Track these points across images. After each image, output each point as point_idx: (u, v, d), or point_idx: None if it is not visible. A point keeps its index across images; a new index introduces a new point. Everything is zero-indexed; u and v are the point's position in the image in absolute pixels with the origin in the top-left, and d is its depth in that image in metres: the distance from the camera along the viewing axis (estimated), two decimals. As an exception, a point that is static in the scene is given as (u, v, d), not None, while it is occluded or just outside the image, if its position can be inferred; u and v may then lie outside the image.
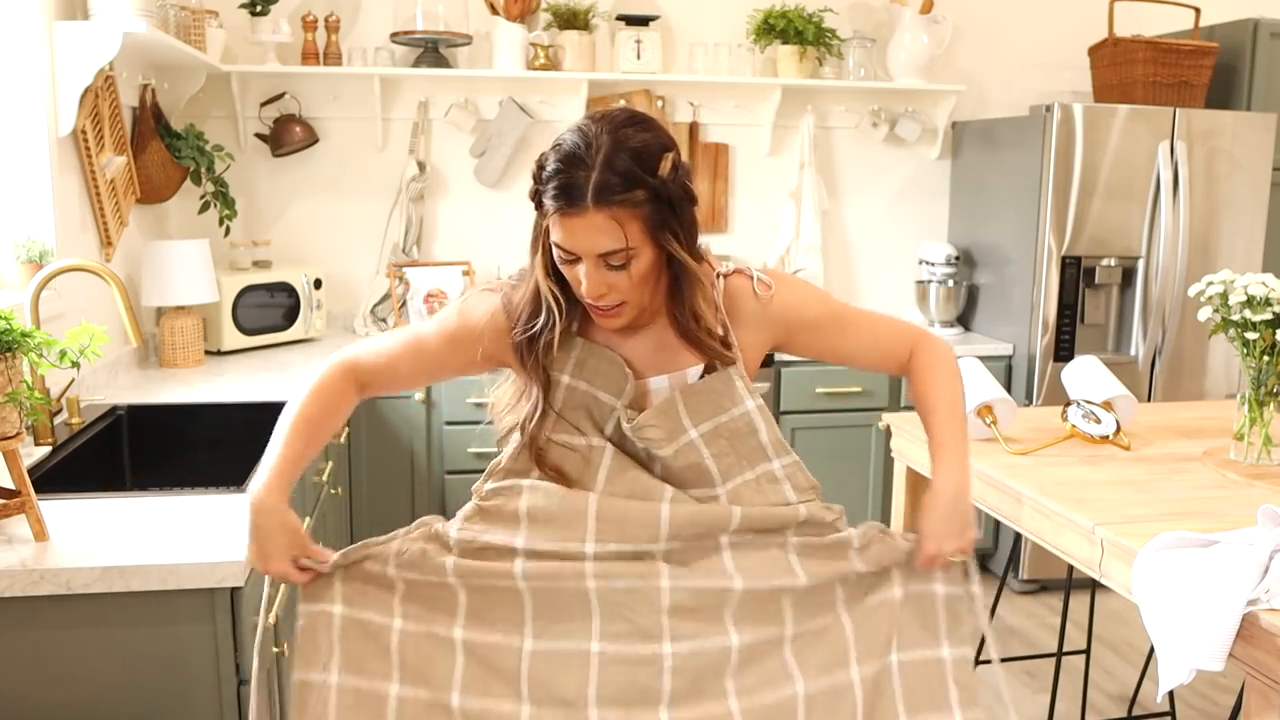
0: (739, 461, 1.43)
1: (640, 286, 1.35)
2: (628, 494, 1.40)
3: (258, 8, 3.55)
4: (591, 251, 1.30)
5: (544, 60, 3.79)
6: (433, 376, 1.51)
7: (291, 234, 3.88)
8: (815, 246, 4.14)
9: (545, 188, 1.31)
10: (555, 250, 1.33)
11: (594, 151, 1.28)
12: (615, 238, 1.29)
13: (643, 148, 1.29)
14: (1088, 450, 2.28)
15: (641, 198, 1.29)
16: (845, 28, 4.09)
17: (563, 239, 1.31)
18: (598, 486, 1.41)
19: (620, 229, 1.28)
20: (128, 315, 2.26)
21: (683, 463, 1.40)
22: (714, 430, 1.41)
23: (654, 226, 1.31)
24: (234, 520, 1.77)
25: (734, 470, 1.43)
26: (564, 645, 1.37)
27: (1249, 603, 1.47)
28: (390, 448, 3.42)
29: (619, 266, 1.31)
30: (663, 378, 1.44)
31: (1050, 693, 2.61)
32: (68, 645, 1.57)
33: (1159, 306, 3.78)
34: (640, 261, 1.32)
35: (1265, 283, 2.03)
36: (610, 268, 1.31)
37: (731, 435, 1.42)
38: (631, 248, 1.30)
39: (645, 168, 1.29)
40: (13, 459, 1.62)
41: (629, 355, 1.43)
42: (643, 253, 1.32)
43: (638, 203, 1.29)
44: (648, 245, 1.32)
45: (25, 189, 2.56)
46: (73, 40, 2.61)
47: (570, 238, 1.30)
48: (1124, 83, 3.88)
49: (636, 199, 1.28)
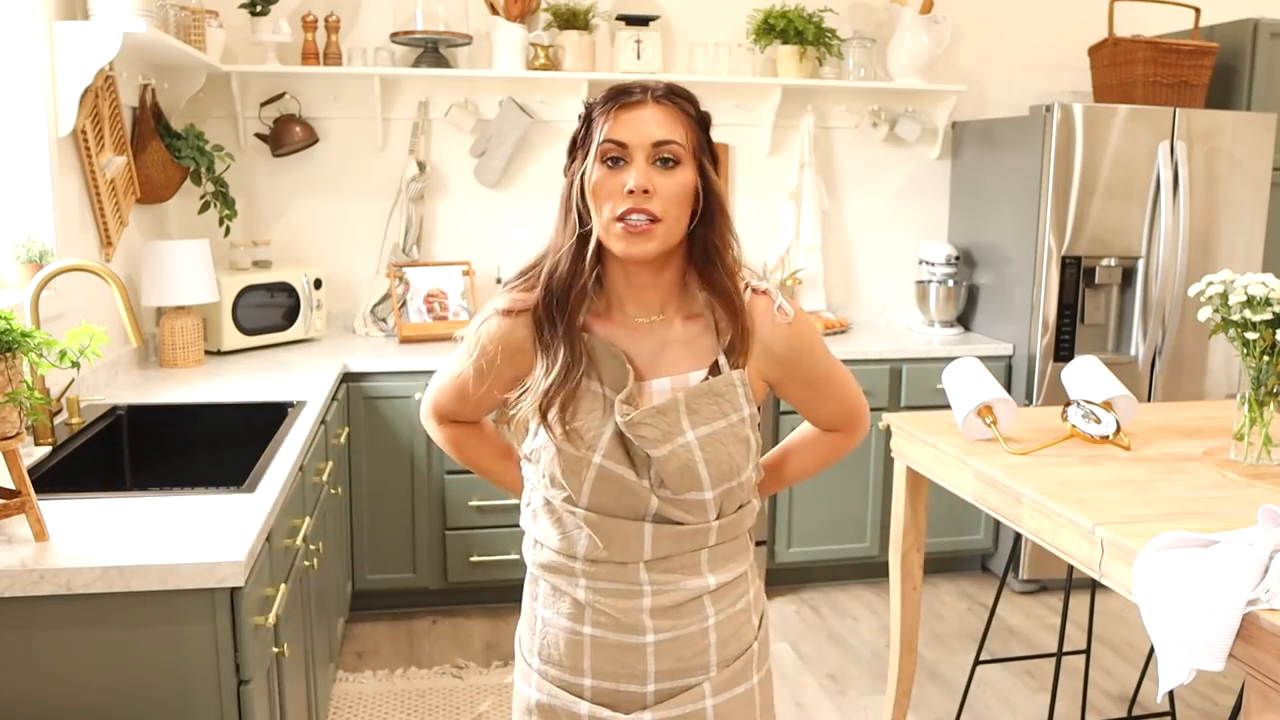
0: (729, 467, 1.41)
1: (677, 205, 1.35)
2: (614, 502, 1.40)
3: (258, 8, 3.55)
4: (646, 140, 1.34)
5: (544, 60, 3.79)
6: (491, 407, 1.54)
7: (291, 234, 3.88)
8: (815, 246, 4.14)
9: (598, 106, 1.37)
10: (604, 149, 1.35)
11: (645, 86, 1.38)
12: (670, 129, 1.35)
13: (685, 90, 1.41)
14: (1088, 450, 2.28)
15: (692, 112, 1.39)
16: (845, 28, 4.09)
17: (617, 130, 1.34)
18: (584, 494, 1.40)
19: (678, 124, 1.36)
20: (128, 315, 2.26)
21: (674, 464, 1.38)
22: (710, 436, 1.39)
23: (698, 146, 1.38)
24: (234, 520, 1.77)
25: (723, 476, 1.41)
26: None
27: (1249, 603, 1.47)
28: (390, 448, 3.42)
29: (669, 163, 1.35)
30: (665, 380, 1.42)
31: (1050, 693, 2.61)
32: (68, 645, 1.56)
33: (1159, 306, 3.78)
34: (684, 171, 1.36)
35: (1265, 283, 2.03)
36: (661, 163, 1.35)
37: (727, 440, 1.40)
38: (682, 145, 1.35)
39: (691, 101, 1.40)
40: (13, 459, 1.62)
41: (632, 354, 1.42)
42: (687, 164, 1.36)
43: (689, 115, 1.38)
44: (691, 161, 1.37)
45: (25, 189, 2.56)
46: (73, 40, 2.61)
47: (626, 127, 1.34)
48: (1124, 83, 3.88)
49: (688, 110, 1.38)
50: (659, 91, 1.37)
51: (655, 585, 1.42)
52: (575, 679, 1.46)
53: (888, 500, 3.73)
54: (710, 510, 1.42)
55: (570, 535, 1.43)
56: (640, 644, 1.42)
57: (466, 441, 1.61)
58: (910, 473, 2.53)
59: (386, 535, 3.50)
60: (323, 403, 2.76)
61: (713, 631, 1.45)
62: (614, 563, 1.41)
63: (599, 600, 1.43)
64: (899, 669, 2.66)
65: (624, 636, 1.42)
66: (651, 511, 1.40)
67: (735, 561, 1.48)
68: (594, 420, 1.39)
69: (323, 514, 2.67)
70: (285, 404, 2.73)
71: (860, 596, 3.88)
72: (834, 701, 3.12)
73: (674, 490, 1.39)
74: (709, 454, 1.38)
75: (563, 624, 1.46)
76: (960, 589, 3.95)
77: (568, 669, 1.46)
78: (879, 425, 2.62)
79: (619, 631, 1.43)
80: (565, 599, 1.46)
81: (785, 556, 3.82)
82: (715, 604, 1.45)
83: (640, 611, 1.42)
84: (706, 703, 1.45)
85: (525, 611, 1.54)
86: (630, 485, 1.39)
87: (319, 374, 3.12)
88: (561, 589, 1.46)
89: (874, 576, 3.97)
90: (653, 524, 1.40)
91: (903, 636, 2.64)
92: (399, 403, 3.40)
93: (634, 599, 1.42)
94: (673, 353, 1.43)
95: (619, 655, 1.43)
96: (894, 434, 2.55)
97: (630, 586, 1.42)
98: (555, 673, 1.47)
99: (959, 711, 2.80)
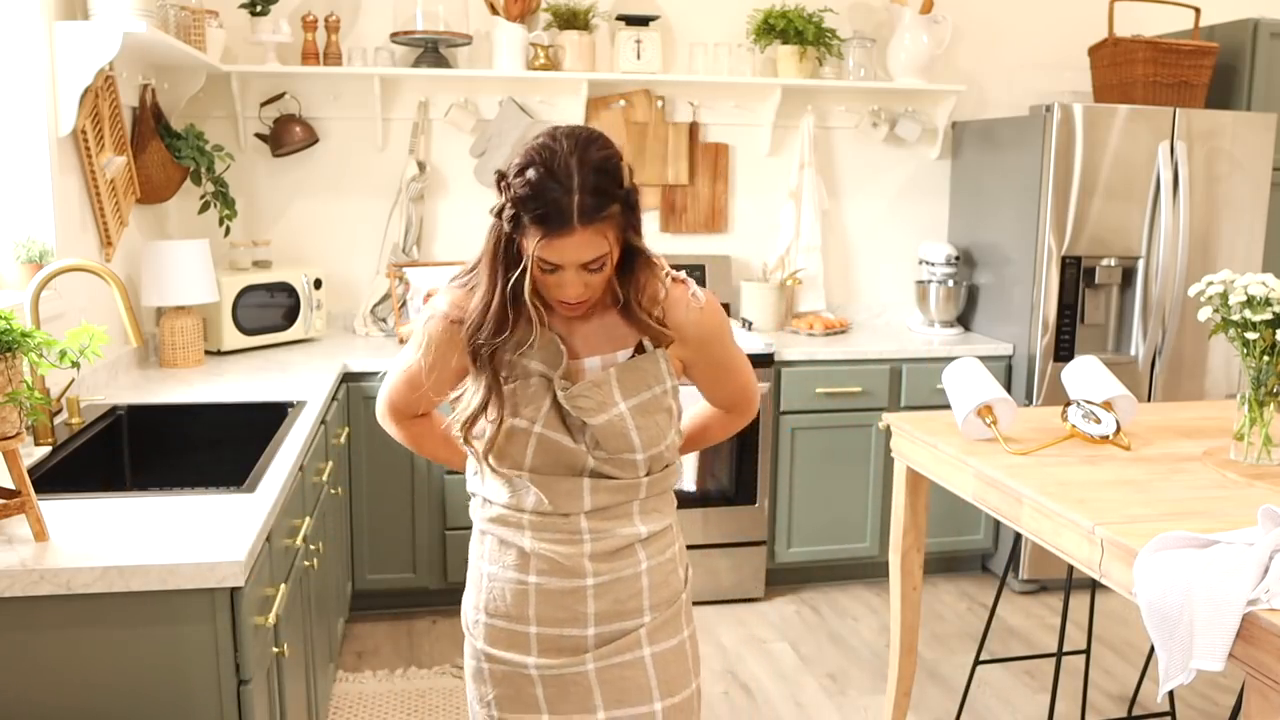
0: (657, 433, 1.58)
1: (604, 284, 1.52)
2: (553, 463, 1.56)
3: (258, 8, 3.55)
4: (577, 262, 1.46)
5: (544, 60, 3.79)
6: (440, 396, 1.67)
7: (291, 234, 3.88)
8: (815, 246, 4.14)
9: (527, 212, 1.43)
10: (538, 263, 1.47)
11: (568, 176, 1.42)
12: (598, 248, 1.45)
13: (606, 162, 1.45)
14: (1088, 450, 2.28)
15: (616, 210, 1.46)
16: (845, 28, 4.09)
17: (551, 256, 1.45)
18: (527, 460, 1.56)
19: (603, 239, 1.45)
20: (128, 315, 2.26)
21: (610, 431, 1.55)
22: (639, 405, 1.56)
23: (624, 228, 1.49)
24: (234, 520, 1.77)
25: (652, 441, 1.58)
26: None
27: (1249, 603, 1.47)
28: (390, 448, 3.42)
29: (597, 269, 1.48)
30: (595, 358, 1.59)
31: (1050, 693, 2.61)
32: (68, 645, 1.56)
33: (1159, 306, 3.78)
34: (610, 260, 1.49)
35: (1265, 283, 2.03)
36: (590, 271, 1.47)
37: (654, 409, 1.58)
38: (607, 254, 1.47)
39: (614, 181, 1.45)
40: (13, 459, 1.62)
41: (566, 335, 1.58)
42: (614, 253, 1.49)
43: (613, 215, 1.46)
44: (618, 246, 1.50)
45: (25, 189, 2.56)
46: (73, 40, 2.61)
47: (559, 254, 1.44)
48: (1124, 83, 3.89)
49: (613, 212, 1.45)
50: (587, 210, 1.41)
51: (594, 533, 1.59)
52: (521, 628, 1.60)
53: (888, 500, 3.73)
54: (640, 468, 1.60)
55: (519, 492, 1.59)
56: (581, 587, 1.59)
57: (426, 437, 1.77)
58: (910, 473, 2.53)
59: (386, 535, 3.50)
60: (323, 403, 2.76)
61: (645, 576, 1.63)
62: (558, 514, 1.58)
63: (543, 548, 1.58)
64: (899, 669, 2.67)
65: (566, 581, 1.59)
66: (588, 469, 1.57)
67: (662, 514, 1.67)
68: (533, 395, 1.55)
69: (323, 514, 2.67)
70: (285, 404, 2.73)
71: (860, 596, 3.88)
72: (834, 701, 3.12)
73: (609, 452, 1.56)
74: (639, 421, 1.56)
75: (509, 575, 1.61)
76: (960, 589, 3.96)
77: (514, 618, 1.61)
78: (879, 425, 2.62)
79: (561, 576, 1.58)
80: (511, 550, 1.61)
81: (785, 556, 3.82)
82: (646, 550, 1.63)
83: (581, 557, 1.58)
84: (644, 651, 1.61)
85: (472, 574, 1.69)
86: (567, 448, 1.55)
87: (319, 374, 3.12)
88: (508, 540, 1.61)
89: (874, 576, 3.97)
90: (590, 479, 1.58)
91: (903, 636, 2.65)
92: (399, 403, 3.39)
93: (576, 545, 1.59)
94: (601, 335, 1.60)
95: (561, 599, 1.59)
96: (894, 434, 2.55)
97: (572, 535, 1.58)
98: (502, 624, 1.62)
99: (959, 711, 2.80)
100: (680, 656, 1.65)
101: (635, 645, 1.61)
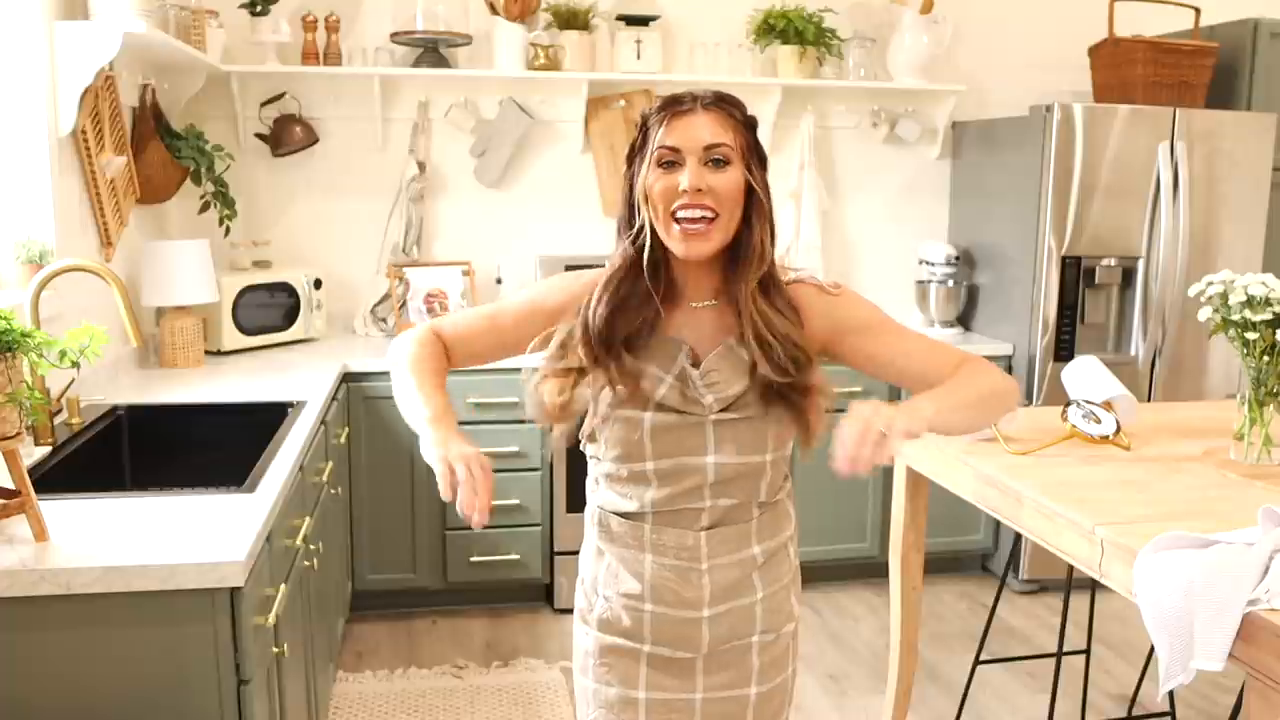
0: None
1: (730, 201, 1.45)
2: (675, 449, 1.49)
3: (258, 8, 3.55)
4: (699, 144, 1.43)
5: (544, 60, 3.79)
6: (508, 350, 1.59)
7: (291, 234, 3.88)
8: (815, 246, 4.14)
9: (653, 113, 1.47)
10: (659, 154, 1.44)
11: (696, 91, 1.49)
12: (719, 133, 1.44)
13: (728, 94, 1.50)
14: (1088, 450, 2.28)
15: (740, 117, 1.48)
16: (845, 28, 4.09)
17: (671, 136, 1.44)
18: (646, 450, 1.49)
19: (725, 130, 1.45)
20: (128, 315, 2.26)
21: (738, 414, 1.48)
22: (766, 385, 1.48)
23: (746, 149, 1.47)
24: (234, 520, 1.77)
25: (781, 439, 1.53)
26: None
27: (1249, 603, 1.47)
28: (390, 448, 3.42)
29: (720, 164, 1.44)
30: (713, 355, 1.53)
31: (1050, 693, 2.61)
32: (68, 645, 1.56)
33: (1159, 306, 3.78)
34: (734, 172, 1.45)
35: (1265, 283, 2.03)
36: (713, 164, 1.43)
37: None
38: (732, 148, 1.44)
39: (736, 103, 1.49)
40: (13, 459, 1.61)
41: (690, 335, 1.52)
42: (736, 164, 1.45)
43: (737, 120, 1.47)
44: (740, 161, 1.46)
45: (25, 189, 2.56)
46: (73, 40, 2.61)
47: (679, 132, 1.44)
48: (1124, 83, 3.88)
49: (736, 116, 1.47)
50: (708, 99, 1.46)
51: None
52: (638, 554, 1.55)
53: (888, 500, 3.72)
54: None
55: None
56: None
57: (440, 357, 1.57)
58: (910, 473, 2.53)
59: (386, 535, 3.50)
60: (323, 403, 2.76)
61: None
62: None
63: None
64: (899, 669, 2.67)
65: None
66: (711, 442, 1.50)
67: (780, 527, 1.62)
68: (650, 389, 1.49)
69: (323, 514, 2.67)
70: (285, 404, 2.72)
71: (860, 596, 3.88)
72: (834, 701, 3.12)
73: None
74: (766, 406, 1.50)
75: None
76: (960, 589, 3.95)
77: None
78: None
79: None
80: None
81: (785, 556, 3.82)
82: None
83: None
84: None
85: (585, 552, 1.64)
86: (686, 419, 1.48)
87: (319, 374, 3.11)
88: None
89: (874, 576, 3.97)
90: (714, 431, 1.50)
91: (903, 636, 2.65)
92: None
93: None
94: (724, 336, 1.52)
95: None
96: (894, 434, 2.55)
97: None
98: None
99: (959, 711, 2.80)
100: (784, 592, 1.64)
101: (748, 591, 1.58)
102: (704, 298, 1.53)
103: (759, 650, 1.59)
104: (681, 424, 1.49)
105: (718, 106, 1.46)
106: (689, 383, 1.49)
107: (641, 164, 1.47)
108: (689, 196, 1.42)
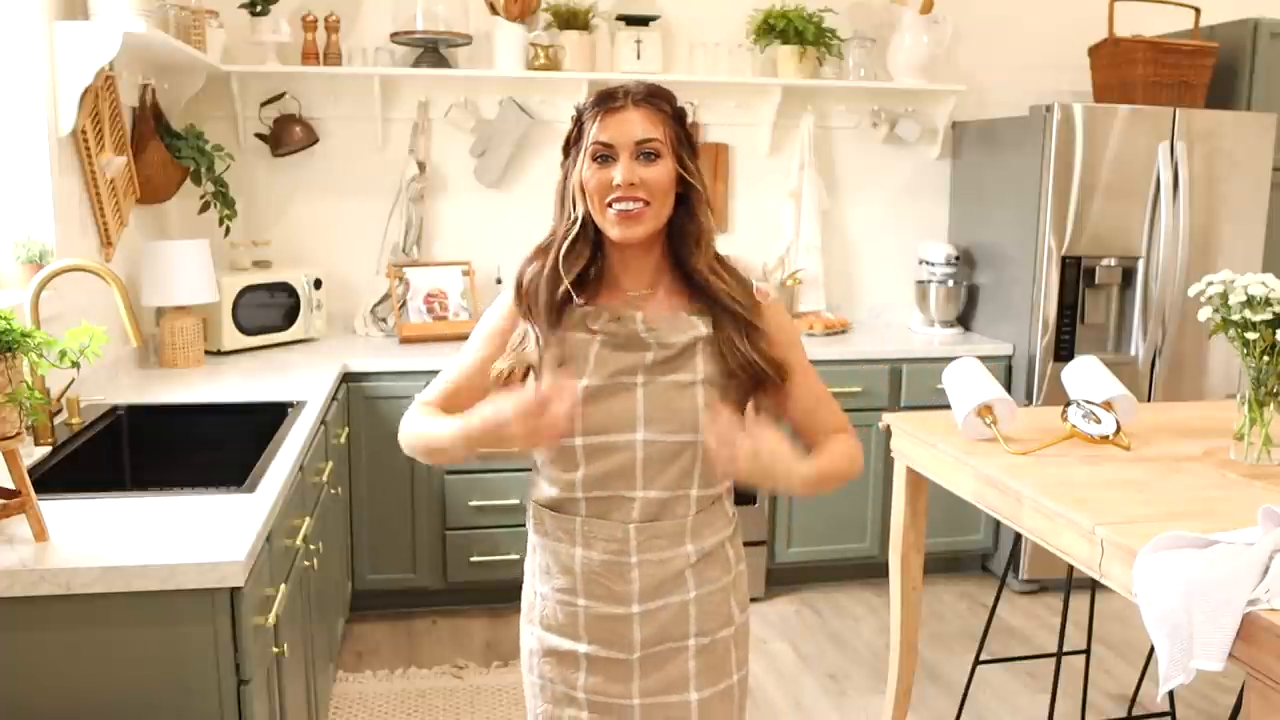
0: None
1: (661, 194, 1.52)
2: (605, 421, 1.52)
3: (258, 8, 3.55)
4: (630, 140, 1.50)
5: (544, 60, 3.79)
6: (480, 389, 1.62)
7: (291, 234, 3.88)
8: (815, 246, 4.14)
9: (588, 109, 1.54)
10: (593, 149, 1.51)
11: (628, 86, 1.55)
12: (649, 128, 1.51)
13: (660, 88, 1.56)
14: (1088, 450, 2.28)
15: (669, 110, 1.54)
16: (845, 28, 4.09)
17: (605, 132, 1.51)
18: (575, 423, 1.51)
19: (655, 126, 1.51)
20: (128, 315, 2.26)
21: (673, 376, 1.53)
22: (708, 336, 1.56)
23: (676, 141, 1.53)
24: (234, 520, 1.77)
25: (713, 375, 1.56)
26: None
27: (1249, 603, 1.47)
28: (390, 448, 3.37)
29: (651, 157, 1.51)
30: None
31: (1050, 693, 2.61)
32: (68, 645, 1.56)
33: (1159, 306, 3.78)
34: (665, 163, 1.52)
35: (1265, 283, 2.03)
36: (644, 157, 1.50)
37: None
38: (662, 142, 1.51)
39: (666, 96, 1.56)
40: (13, 459, 1.61)
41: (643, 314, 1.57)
42: (666, 157, 1.52)
43: (666, 113, 1.54)
44: (670, 154, 1.52)
45: (25, 189, 2.56)
46: (73, 40, 2.61)
47: (612, 128, 1.51)
48: (1124, 83, 3.88)
49: (664, 110, 1.54)
50: (639, 95, 1.53)
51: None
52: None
53: (888, 500, 3.72)
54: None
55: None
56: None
57: (432, 415, 1.65)
58: (910, 473, 2.53)
59: (386, 535, 3.50)
60: (323, 403, 2.76)
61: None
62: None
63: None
64: (899, 669, 2.67)
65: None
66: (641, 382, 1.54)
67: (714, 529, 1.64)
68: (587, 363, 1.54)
69: (323, 514, 2.67)
70: (285, 404, 2.72)
71: (860, 596, 3.88)
72: (834, 701, 3.12)
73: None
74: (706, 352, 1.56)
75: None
76: (960, 589, 3.95)
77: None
78: (879, 426, 2.62)
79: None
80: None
81: (785, 556, 3.82)
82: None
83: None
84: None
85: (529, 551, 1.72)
86: (618, 380, 1.53)
87: (319, 374, 3.11)
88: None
89: (874, 576, 3.97)
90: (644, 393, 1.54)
91: (903, 636, 2.65)
92: (399, 403, 3.38)
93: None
94: (667, 319, 1.57)
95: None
96: (894, 434, 2.55)
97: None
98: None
99: (959, 711, 2.80)
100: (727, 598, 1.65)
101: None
102: (641, 286, 1.58)
103: (695, 653, 1.60)
104: (614, 387, 1.52)
105: (648, 102, 1.52)
106: (629, 322, 1.54)
107: (577, 157, 1.54)
108: (623, 190, 1.50)
